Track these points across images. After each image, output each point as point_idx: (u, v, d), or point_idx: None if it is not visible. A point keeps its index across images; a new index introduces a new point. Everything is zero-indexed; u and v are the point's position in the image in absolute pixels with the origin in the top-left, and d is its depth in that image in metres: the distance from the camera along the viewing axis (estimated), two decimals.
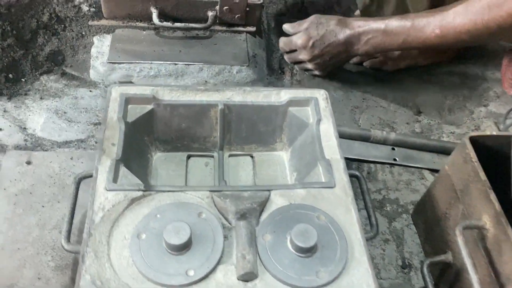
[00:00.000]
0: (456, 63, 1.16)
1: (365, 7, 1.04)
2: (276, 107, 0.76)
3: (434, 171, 0.93)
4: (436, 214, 0.75)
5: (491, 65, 1.16)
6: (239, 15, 1.07)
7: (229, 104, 0.75)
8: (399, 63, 1.11)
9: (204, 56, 1.03)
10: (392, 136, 0.94)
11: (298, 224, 0.57)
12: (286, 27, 1.04)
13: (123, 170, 0.63)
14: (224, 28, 1.09)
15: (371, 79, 1.09)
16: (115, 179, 0.61)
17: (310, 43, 0.98)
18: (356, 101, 1.05)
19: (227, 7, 1.04)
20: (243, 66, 1.03)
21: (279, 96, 0.76)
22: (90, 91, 0.97)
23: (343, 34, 0.97)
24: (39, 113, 0.92)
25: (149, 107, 0.73)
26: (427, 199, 0.79)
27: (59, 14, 1.05)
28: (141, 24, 1.06)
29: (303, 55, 1.02)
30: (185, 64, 1.01)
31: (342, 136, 0.84)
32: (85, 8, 1.06)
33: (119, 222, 0.57)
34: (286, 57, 1.07)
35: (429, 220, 0.78)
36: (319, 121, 0.73)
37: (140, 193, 0.60)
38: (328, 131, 0.72)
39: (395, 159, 0.93)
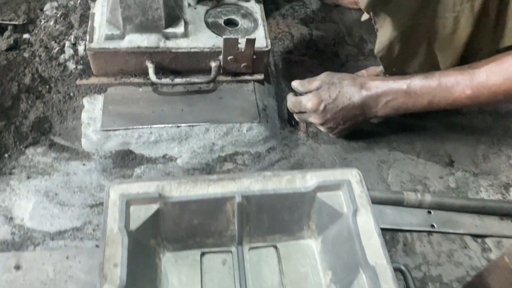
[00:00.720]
0: None
1: (388, 62, 0.92)
2: (302, 194, 0.65)
3: (476, 236, 0.82)
4: None
5: None
6: (245, 63, 0.95)
7: (248, 195, 0.64)
8: None
9: (210, 113, 0.92)
10: (428, 198, 0.84)
11: None
12: (295, 84, 0.92)
13: None
14: (229, 78, 0.98)
15: (395, 125, 0.98)
16: None
17: (322, 106, 0.86)
18: (381, 154, 0.94)
19: (231, 57, 0.93)
20: (254, 122, 0.92)
21: (305, 180, 0.65)
22: (84, 164, 0.86)
23: (358, 96, 0.86)
24: (27, 197, 0.81)
25: (155, 207, 0.62)
26: (479, 286, 0.69)
27: (42, 74, 0.94)
28: (136, 80, 0.94)
29: (313, 119, 0.90)
30: (189, 126, 0.90)
31: (372, 201, 0.74)
32: (71, 66, 0.94)
33: None
34: (295, 116, 0.95)
35: None
36: (355, 212, 0.62)
37: None
38: (368, 225, 0.61)
39: (432, 225, 0.82)
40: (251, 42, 0.91)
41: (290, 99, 0.92)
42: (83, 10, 1.01)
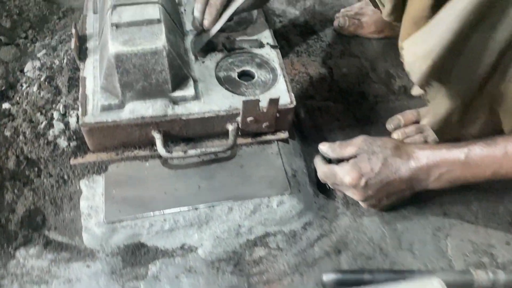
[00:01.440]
0: None
1: (443, 131, 0.79)
2: None
3: None
4: None
5: None
6: (267, 123, 0.81)
7: None
8: None
9: (232, 188, 0.78)
10: (501, 277, 0.70)
11: None
12: (324, 149, 0.79)
13: None
14: (249, 140, 0.84)
15: None
16: None
17: (363, 182, 0.73)
18: (435, 219, 0.80)
19: (251, 118, 0.79)
20: (284, 194, 0.78)
21: None
22: (88, 266, 0.71)
23: (406, 169, 0.72)
24: None
25: None
26: None
27: (29, 156, 0.79)
28: (142, 153, 0.80)
29: (352, 194, 0.77)
30: (209, 206, 0.76)
31: None
32: (62, 143, 0.79)
33: None
34: (329, 184, 0.81)
35: None
36: None
37: None
38: None
39: None
40: (274, 102, 0.77)
41: (321, 169, 0.78)
42: (70, 72, 0.87)
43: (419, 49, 0.64)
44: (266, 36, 0.91)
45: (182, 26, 0.89)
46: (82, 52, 0.84)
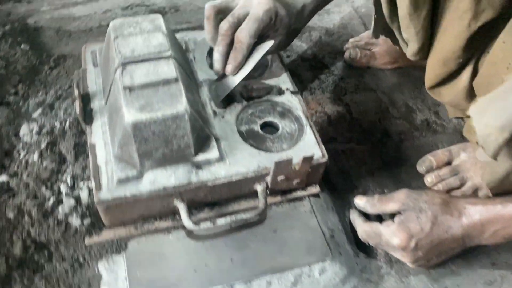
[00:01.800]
0: None
1: (499, 189, 0.74)
2: None
3: None
4: None
5: None
6: (298, 180, 0.75)
7: None
8: None
9: (268, 258, 0.71)
10: None
11: None
12: (362, 204, 0.73)
13: None
14: (278, 198, 0.77)
15: None
16: None
17: (413, 244, 0.67)
18: (484, 272, 0.75)
19: (282, 177, 0.72)
20: (326, 260, 0.71)
21: None
22: None
23: (458, 227, 0.67)
24: None
25: None
26: None
27: (37, 239, 0.70)
28: (164, 224, 0.72)
29: (401, 257, 0.71)
30: (246, 283, 0.68)
31: None
32: (75, 221, 0.71)
33: None
34: (371, 243, 0.75)
35: None
36: None
37: None
38: None
39: None
40: (308, 160, 0.71)
41: (363, 228, 0.72)
42: (75, 136, 0.78)
43: (493, 120, 0.58)
44: (285, 81, 0.85)
45: (195, 77, 0.82)
46: (87, 115, 0.75)
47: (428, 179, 0.85)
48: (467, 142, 0.86)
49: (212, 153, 0.71)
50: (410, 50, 0.78)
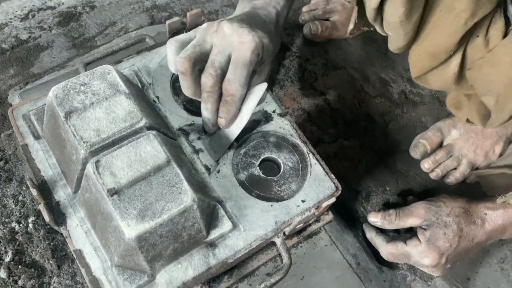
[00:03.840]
0: None
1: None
2: None
3: None
4: None
5: None
6: (314, 218, 0.69)
7: None
8: None
9: None
10: None
11: None
12: (379, 222, 0.71)
13: None
14: (295, 239, 0.70)
15: None
16: None
17: (443, 260, 0.67)
18: (495, 251, 0.78)
19: (301, 224, 0.66)
20: None
21: None
22: None
23: (482, 233, 0.68)
24: None
25: None
26: None
27: None
28: None
29: (430, 272, 0.70)
30: None
31: None
32: None
33: None
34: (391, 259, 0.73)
35: None
36: None
37: None
38: None
39: None
40: (328, 205, 0.64)
41: (388, 250, 0.70)
42: (47, 239, 0.63)
43: None
44: (268, 102, 0.74)
45: (169, 127, 0.68)
46: (55, 214, 0.60)
47: (426, 165, 0.83)
48: (455, 117, 0.84)
49: (224, 225, 0.61)
50: (395, 45, 0.71)
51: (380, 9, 0.63)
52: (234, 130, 0.63)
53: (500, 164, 0.79)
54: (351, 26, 0.79)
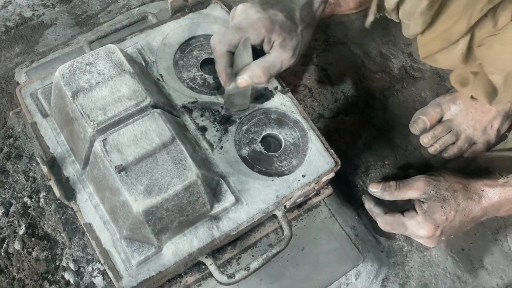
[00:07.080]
0: None
1: None
2: None
3: None
4: None
5: None
6: (314, 192, 0.71)
7: None
8: None
9: (304, 280, 0.70)
10: None
11: None
12: (378, 192, 0.72)
13: None
14: (296, 212, 0.73)
15: None
16: None
17: (438, 233, 0.68)
18: (490, 222, 0.81)
19: (301, 198, 0.68)
20: (359, 264, 0.72)
21: None
22: None
23: (478, 209, 0.69)
24: None
25: None
26: None
27: None
28: (191, 278, 0.67)
29: (425, 244, 0.71)
30: None
31: None
32: None
33: None
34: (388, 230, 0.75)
35: None
36: None
37: None
38: None
39: None
40: (328, 179, 0.67)
41: (386, 220, 0.72)
42: (58, 213, 0.66)
43: None
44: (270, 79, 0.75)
45: (173, 105, 0.70)
46: (65, 189, 0.63)
47: (425, 140, 0.85)
48: (455, 93, 0.85)
49: (227, 199, 0.64)
50: (411, 32, 0.74)
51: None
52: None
53: (506, 147, 0.81)
54: (371, 18, 0.80)
